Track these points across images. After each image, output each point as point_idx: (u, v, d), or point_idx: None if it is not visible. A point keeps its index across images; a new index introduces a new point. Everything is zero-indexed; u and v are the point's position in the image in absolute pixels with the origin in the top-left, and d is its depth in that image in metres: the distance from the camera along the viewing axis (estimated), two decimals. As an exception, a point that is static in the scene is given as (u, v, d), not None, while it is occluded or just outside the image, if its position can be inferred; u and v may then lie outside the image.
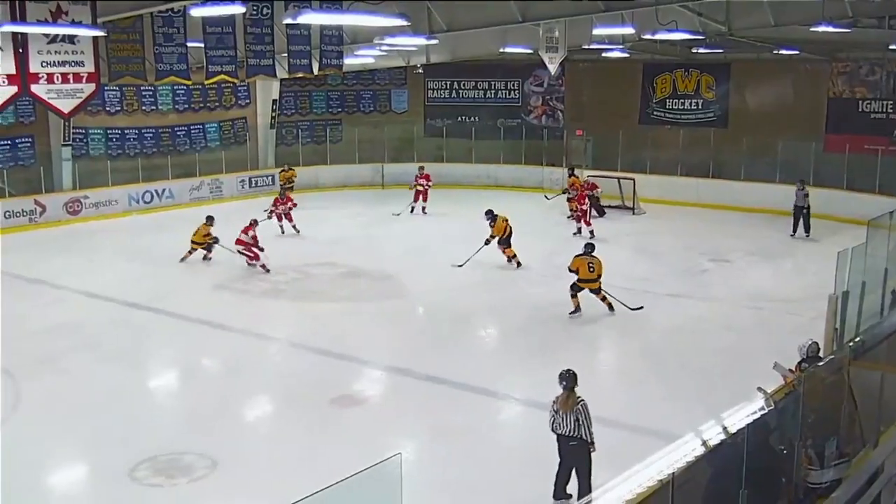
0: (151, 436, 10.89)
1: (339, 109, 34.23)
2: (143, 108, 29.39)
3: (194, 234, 20.08)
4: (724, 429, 5.95)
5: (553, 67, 21.44)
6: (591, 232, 21.99)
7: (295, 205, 23.57)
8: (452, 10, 21.97)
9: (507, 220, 19.83)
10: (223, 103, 31.55)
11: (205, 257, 20.06)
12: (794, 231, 21.18)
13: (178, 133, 30.48)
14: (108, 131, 28.61)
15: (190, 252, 20.08)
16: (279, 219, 23.26)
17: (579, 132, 31.40)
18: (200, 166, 30.34)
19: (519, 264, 19.86)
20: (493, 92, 33.05)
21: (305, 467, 9.31)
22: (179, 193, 29.04)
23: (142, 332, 15.64)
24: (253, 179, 31.37)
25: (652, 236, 23.48)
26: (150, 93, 29.11)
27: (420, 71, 31.66)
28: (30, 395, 12.73)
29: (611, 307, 15.54)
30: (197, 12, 18.57)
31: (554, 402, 8.48)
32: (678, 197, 27.49)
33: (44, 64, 15.95)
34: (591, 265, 15.37)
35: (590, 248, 16.32)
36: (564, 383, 8.43)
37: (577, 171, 26.42)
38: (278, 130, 32.87)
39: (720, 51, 25.95)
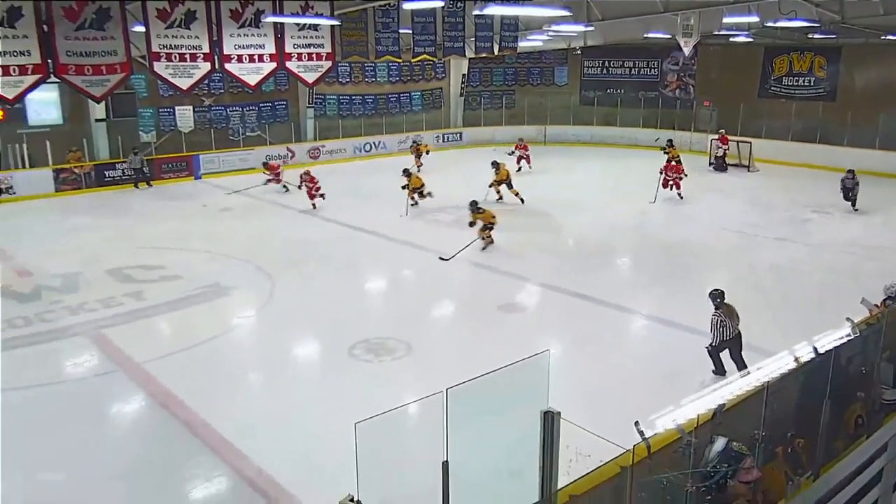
0: (365, 324, 11.67)
1: (513, 82, 35.04)
2: (366, 79, 31.05)
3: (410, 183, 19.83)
4: (815, 349, 5.52)
5: (687, 50, 21.36)
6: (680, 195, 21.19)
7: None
8: (607, 2, 22.40)
9: (507, 169, 20.81)
10: (425, 76, 32.84)
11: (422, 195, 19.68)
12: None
13: (391, 99, 32.07)
14: (340, 97, 30.42)
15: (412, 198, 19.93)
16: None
17: (706, 103, 30.55)
18: (406, 125, 32.07)
19: (522, 200, 20.37)
20: (636, 70, 32.83)
21: (476, 355, 9.36)
22: (390, 145, 30.89)
23: (360, 248, 16.62)
24: (445, 135, 32.83)
25: (764, 190, 22.68)
26: (371, 68, 30.66)
27: (578, 52, 31.96)
28: (281, 289, 13.75)
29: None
30: (408, 6, 19.97)
31: (718, 316, 9.33)
32: (788, 159, 26.32)
33: (295, 46, 16.72)
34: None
35: None
36: (719, 300, 9.41)
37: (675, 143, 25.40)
38: (466, 98, 34.03)
39: (833, 36, 24.68)
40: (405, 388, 8.92)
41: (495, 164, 20.44)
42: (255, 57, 15.98)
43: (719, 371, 9.29)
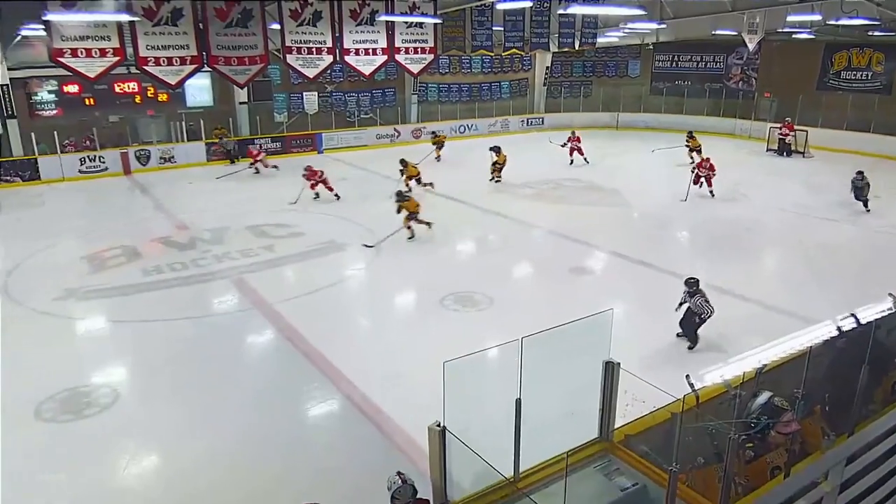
0: (455, 279, 11.63)
1: (591, 73, 33.99)
2: (462, 70, 30.89)
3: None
4: (857, 319, 5.23)
5: (752, 46, 20.35)
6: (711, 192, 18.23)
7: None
8: (680, 2, 21.49)
9: (505, 154, 19.59)
10: (513, 68, 32.33)
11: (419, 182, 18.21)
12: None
13: (483, 88, 31.74)
14: (440, 85, 30.33)
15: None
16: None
17: (767, 94, 28.93)
18: (496, 110, 31.72)
19: (499, 180, 19.52)
20: (702, 63, 31.23)
21: (549, 310, 9.16)
22: (482, 127, 30.62)
23: (452, 214, 16.54)
24: (529, 120, 32.27)
25: (818, 175, 21.38)
26: (467, 60, 30.44)
27: (650, 47, 30.94)
28: (385, 247, 14.03)
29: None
30: (501, 6, 19.74)
31: (701, 297, 8.94)
32: (842, 147, 24.74)
33: (403, 41, 16.73)
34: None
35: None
36: (695, 287, 8.99)
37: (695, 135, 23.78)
38: (548, 87, 33.36)
39: (893, 33, 22.96)
40: (487, 335, 8.98)
41: (496, 149, 19.47)
42: (370, 50, 16.12)
43: (695, 342, 9.10)
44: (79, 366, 8.97)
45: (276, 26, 14.33)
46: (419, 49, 17.81)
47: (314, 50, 14.85)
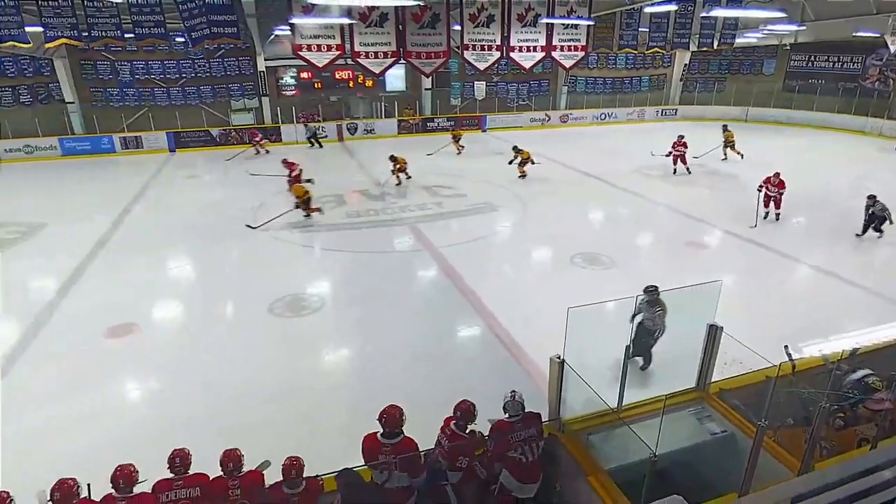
0: (584, 242, 11.20)
1: (726, 71, 30.21)
2: (608, 66, 29.15)
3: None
4: None
5: (894, 48, 17.16)
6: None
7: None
8: (822, 4, 18.52)
9: (529, 153, 16.75)
10: (653, 65, 29.90)
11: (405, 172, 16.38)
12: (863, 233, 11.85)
13: (625, 81, 29.69)
14: (587, 79, 28.76)
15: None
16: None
17: (902, 93, 24.49)
18: (634, 101, 29.61)
19: (523, 176, 16.61)
20: (839, 64, 26.58)
21: (663, 276, 9.07)
22: (620, 116, 28.79)
23: (586, 189, 15.89)
24: (663, 111, 29.80)
25: None
26: (613, 58, 28.64)
27: (787, 47, 26.94)
28: (529, 211, 13.94)
29: None
30: (648, 9, 18.15)
31: (654, 305, 6.14)
32: None
33: (559, 40, 15.86)
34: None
35: None
36: (657, 295, 6.14)
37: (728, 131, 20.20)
38: (684, 82, 30.44)
39: None
40: (607, 291, 8.67)
41: (516, 149, 16.99)
42: (531, 48, 15.62)
43: (648, 361, 6.31)
44: (298, 279, 9.88)
45: (458, 27, 14.33)
46: (572, 47, 16.91)
47: (486, 47, 14.69)
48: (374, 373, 6.95)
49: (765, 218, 12.57)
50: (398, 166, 16.20)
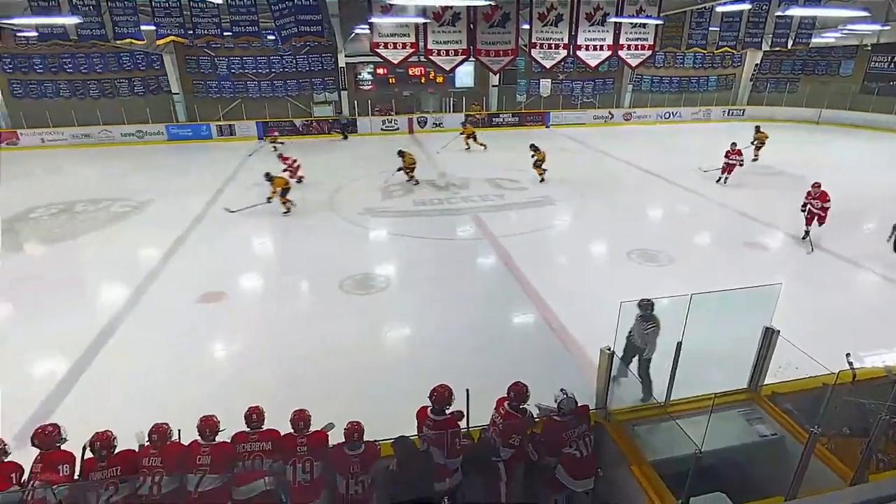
0: (640, 239, 10.73)
1: (800, 72, 27.96)
2: (675, 65, 27.76)
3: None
4: None
5: None
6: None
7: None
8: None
9: (545, 152, 15.30)
10: (722, 64, 28.16)
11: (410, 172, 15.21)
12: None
13: (691, 81, 28.12)
14: (653, 77, 27.50)
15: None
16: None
17: None
18: (700, 100, 28.01)
19: (543, 180, 15.18)
20: None
21: (721, 275, 8.72)
22: (685, 115, 27.33)
23: (646, 186, 15.28)
24: (730, 111, 27.97)
25: None
26: (681, 56, 27.25)
27: (868, 48, 24.52)
28: (589, 205, 13.51)
29: None
30: (720, 8, 17.06)
31: (652, 325, 5.38)
32: None
33: (626, 39, 15.20)
34: None
35: None
36: (650, 310, 5.39)
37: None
38: (754, 82, 28.51)
39: None
40: (661, 288, 8.34)
41: (534, 147, 15.53)
42: (598, 46, 15.10)
43: (649, 390, 5.29)
44: (367, 260, 10.12)
45: (527, 26, 14.04)
46: (639, 46, 16.21)
47: (553, 45, 14.33)
48: (431, 351, 7.05)
49: (803, 238, 10.64)
50: (405, 164, 14.95)
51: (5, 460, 3.76)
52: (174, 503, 3.76)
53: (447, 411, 4.02)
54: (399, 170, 14.94)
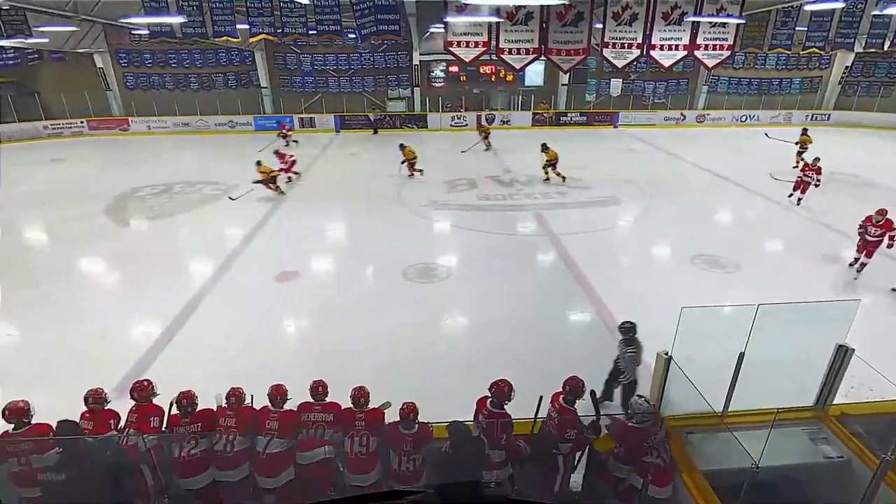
0: (706, 244, 10.13)
1: None
2: (755, 66, 25.96)
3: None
4: None
5: None
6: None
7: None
8: None
9: (556, 153, 14.58)
10: (808, 66, 26.02)
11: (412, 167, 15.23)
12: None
13: (773, 83, 26.20)
14: (731, 79, 25.90)
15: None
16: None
17: None
18: (781, 104, 26.03)
19: (564, 179, 14.52)
20: None
21: (791, 286, 8.17)
22: (763, 118, 25.48)
23: (716, 190, 14.30)
24: (814, 115, 25.80)
25: None
26: (763, 58, 25.42)
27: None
28: (655, 207, 13.01)
29: None
30: (809, 7, 15.75)
31: (633, 351, 5.27)
32: None
33: (704, 38, 14.51)
34: None
35: None
36: (632, 333, 5.34)
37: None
38: (843, 86, 26.14)
39: None
40: (725, 295, 7.89)
41: (544, 147, 14.86)
42: (673, 46, 14.37)
43: (606, 397, 5.29)
44: (431, 250, 10.23)
45: (599, 25, 13.59)
46: (718, 46, 15.24)
47: (626, 45, 13.78)
48: (486, 341, 7.05)
49: (851, 265, 9.21)
50: (406, 158, 14.95)
51: (105, 408, 4.14)
52: (244, 461, 4.01)
53: (505, 406, 4.00)
54: (403, 163, 15.05)
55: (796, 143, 16.47)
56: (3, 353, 7.19)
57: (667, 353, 4.01)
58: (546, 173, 14.72)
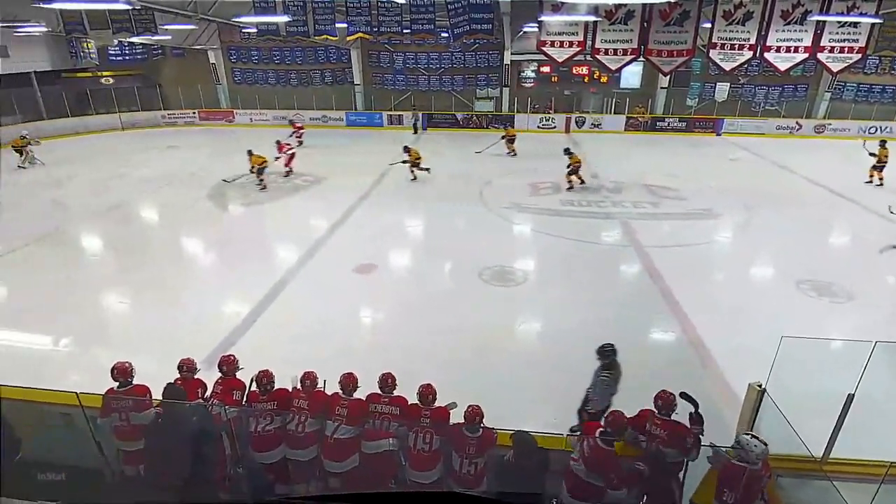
0: (816, 268, 9.48)
1: None
2: (893, 72, 23.19)
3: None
4: None
5: None
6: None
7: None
8: None
9: (579, 158, 14.13)
10: None
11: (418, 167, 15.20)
12: None
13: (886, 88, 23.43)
14: (860, 85, 23.19)
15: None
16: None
17: None
18: (875, 114, 23.20)
19: (582, 181, 14.25)
20: None
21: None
22: (852, 129, 22.81)
23: (832, 209, 13.00)
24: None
25: None
26: (902, 61, 22.75)
27: None
28: (756, 221, 12.07)
29: None
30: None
31: (607, 377, 4.96)
32: None
33: (830, 40, 13.14)
34: None
35: None
36: (611, 358, 5.02)
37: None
38: None
39: None
40: (835, 326, 7.14)
41: (568, 152, 14.25)
42: (791, 48, 13.20)
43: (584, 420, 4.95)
44: (509, 253, 10.17)
45: (707, 25, 12.79)
46: (845, 48, 13.78)
47: (736, 46, 12.83)
48: (561, 351, 6.88)
49: None
50: (410, 159, 14.98)
51: (195, 377, 4.53)
52: (313, 443, 4.22)
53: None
54: (404, 162, 15.15)
55: (872, 154, 14.59)
56: (116, 319, 8.08)
57: (760, 385, 3.70)
58: (570, 182, 14.24)
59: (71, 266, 9.66)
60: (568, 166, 14.27)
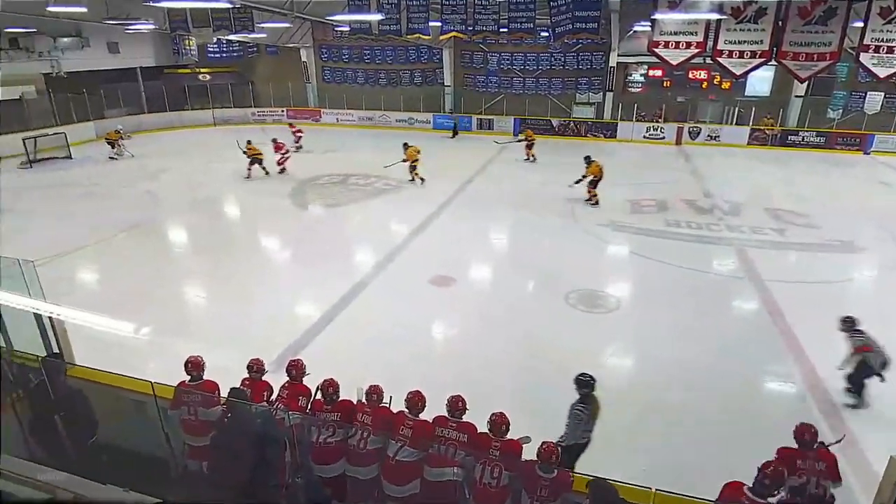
0: None
1: None
2: None
3: None
4: None
5: None
6: None
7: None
8: None
9: (601, 167, 13.52)
10: None
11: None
12: None
13: None
14: None
15: None
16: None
17: None
18: None
19: (597, 203, 13.49)
20: None
21: None
22: None
23: None
24: None
25: None
26: None
27: None
28: (872, 255, 11.31)
29: None
30: None
31: (581, 411, 4.86)
32: None
33: (872, 39, 12.03)
34: None
35: None
36: (588, 389, 4.95)
37: None
38: None
39: None
40: None
41: (587, 159, 13.79)
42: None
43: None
44: (599, 275, 9.87)
45: (858, 24, 11.73)
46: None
47: (894, 49, 11.69)
48: (651, 392, 6.55)
49: None
50: (408, 158, 15.26)
51: (262, 378, 4.79)
52: (374, 461, 4.30)
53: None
54: (403, 160, 15.49)
55: None
56: (193, 312, 8.78)
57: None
58: (590, 194, 13.75)
59: (161, 258, 10.67)
60: (583, 176, 13.81)
